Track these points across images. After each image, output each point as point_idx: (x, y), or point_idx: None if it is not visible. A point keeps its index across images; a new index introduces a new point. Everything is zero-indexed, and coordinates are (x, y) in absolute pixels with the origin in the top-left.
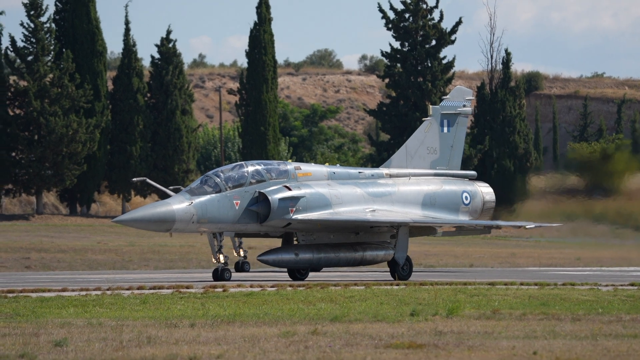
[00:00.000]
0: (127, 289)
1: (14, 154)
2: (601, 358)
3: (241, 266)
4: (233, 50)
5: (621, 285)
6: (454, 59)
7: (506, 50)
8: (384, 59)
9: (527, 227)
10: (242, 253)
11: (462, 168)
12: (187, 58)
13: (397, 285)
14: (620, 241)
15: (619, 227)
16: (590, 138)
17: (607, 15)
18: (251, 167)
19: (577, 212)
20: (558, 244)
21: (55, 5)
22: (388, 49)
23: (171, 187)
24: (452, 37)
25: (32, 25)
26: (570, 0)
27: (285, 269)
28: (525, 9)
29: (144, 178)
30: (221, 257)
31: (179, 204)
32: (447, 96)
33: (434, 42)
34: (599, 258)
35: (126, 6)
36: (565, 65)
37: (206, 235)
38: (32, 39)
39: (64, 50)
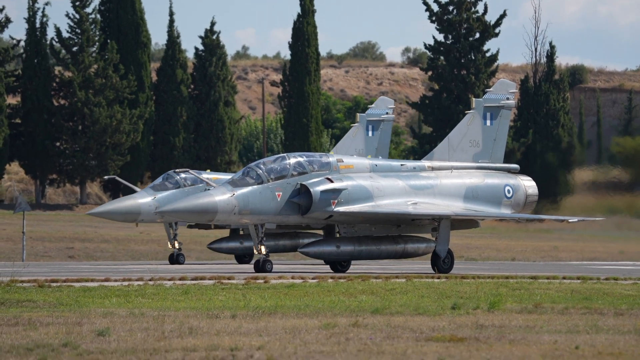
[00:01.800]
0: (169, 280)
1: (58, 144)
2: None
3: (176, 258)
4: (277, 42)
5: None
6: (497, 52)
7: (550, 44)
8: (427, 51)
9: (570, 220)
10: (177, 245)
11: (505, 161)
12: (230, 50)
13: (439, 278)
14: None
15: None
16: (634, 132)
17: None
18: (293, 159)
19: (621, 206)
20: (601, 237)
21: None
22: (431, 42)
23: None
24: (496, 30)
25: (77, 16)
26: None
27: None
28: (572, 2)
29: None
30: (262, 249)
31: (221, 195)
32: (491, 89)
33: (477, 35)
34: None
35: None
36: (610, 58)
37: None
38: (77, 30)
39: (108, 41)
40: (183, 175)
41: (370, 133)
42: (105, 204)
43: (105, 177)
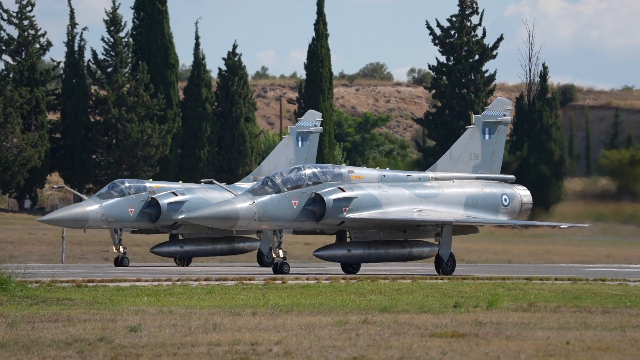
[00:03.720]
0: (195, 280)
1: (94, 156)
2: (629, 348)
3: (120, 261)
4: (293, 63)
5: None
6: (495, 72)
7: (543, 65)
8: (431, 72)
9: (561, 226)
10: (121, 249)
11: (502, 172)
12: (251, 70)
13: (441, 279)
14: None
15: None
16: (620, 146)
17: None
18: (308, 170)
19: (608, 213)
20: (589, 242)
21: (133, 21)
22: (435, 63)
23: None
24: (494, 53)
25: (111, 40)
26: (608, 18)
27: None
28: (564, 26)
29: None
30: (280, 252)
31: (242, 203)
32: (489, 106)
33: (477, 57)
34: (627, 256)
35: (196, 23)
36: (598, 78)
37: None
38: (111, 53)
39: (140, 62)
40: (127, 184)
41: (300, 144)
42: (55, 211)
43: (55, 186)
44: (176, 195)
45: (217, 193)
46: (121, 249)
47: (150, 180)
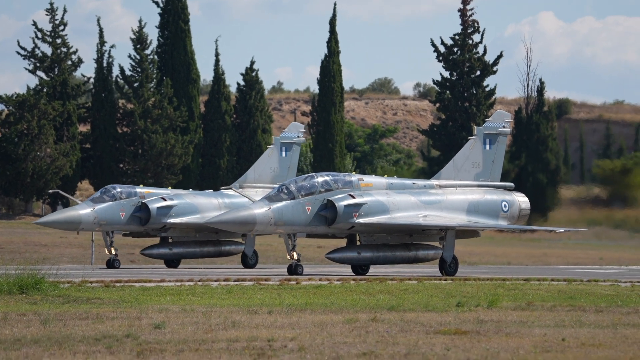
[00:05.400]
0: (215, 281)
1: (121, 165)
2: (620, 344)
3: (112, 263)
4: (308, 77)
5: (638, 281)
6: (495, 87)
7: (540, 80)
8: (435, 86)
9: (557, 231)
10: (113, 251)
11: (502, 180)
12: (267, 85)
13: (445, 280)
14: (637, 244)
15: (636, 232)
16: (612, 156)
17: (632, 50)
18: (321, 178)
19: (600, 218)
20: (583, 245)
21: (158, 40)
22: (439, 78)
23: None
24: (494, 69)
25: (138, 57)
26: (602, 36)
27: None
28: (560, 44)
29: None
30: (294, 255)
31: (259, 209)
32: (489, 119)
33: (478, 73)
34: (618, 258)
35: (216, 41)
36: (592, 92)
37: (274, 236)
38: (138, 69)
39: (164, 78)
40: (119, 189)
41: (283, 154)
42: (50, 215)
43: (50, 191)
44: (165, 200)
45: (204, 199)
46: (113, 251)
47: (141, 186)
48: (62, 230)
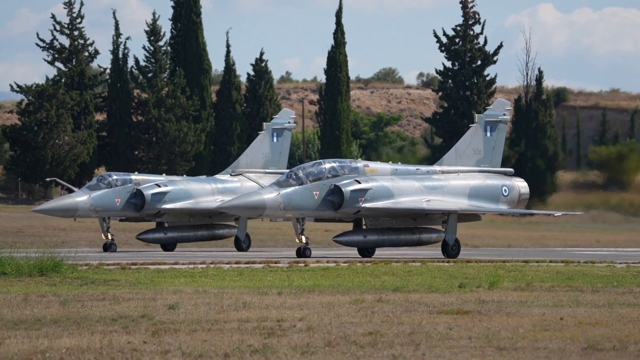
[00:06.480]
0: (227, 264)
1: (136, 152)
2: (616, 323)
3: (109, 246)
4: (315, 67)
5: (633, 263)
6: (495, 76)
7: (539, 69)
8: (438, 76)
9: (555, 214)
10: (109, 236)
11: (502, 166)
12: (276, 75)
13: (448, 262)
14: (632, 227)
15: (631, 215)
16: (608, 142)
17: (628, 40)
18: (328, 164)
19: (597, 202)
20: (581, 228)
21: (171, 32)
22: (441, 68)
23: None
24: (495, 58)
25: (152, 48)
26: (599, 27)
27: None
28: (559, 34)
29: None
30: (303, 238)
31: (269, 194)
32: (490, 107)
33: (479, 62)
34: (614, 241)
35: (227, 32)
36: (589, 81)
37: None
38: (152, 60)
39: (177, 68)
40: (114, 177)
41: (275, 139)
42: (47, 202)
43: (47, 179)
44: (159, 186)
45: (198, 185)
46: (109, 236)
47: (136, 173)
48: (59, 217)
